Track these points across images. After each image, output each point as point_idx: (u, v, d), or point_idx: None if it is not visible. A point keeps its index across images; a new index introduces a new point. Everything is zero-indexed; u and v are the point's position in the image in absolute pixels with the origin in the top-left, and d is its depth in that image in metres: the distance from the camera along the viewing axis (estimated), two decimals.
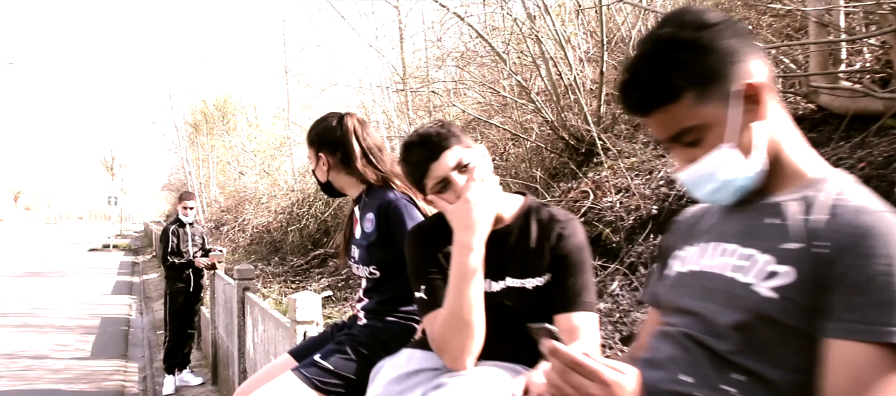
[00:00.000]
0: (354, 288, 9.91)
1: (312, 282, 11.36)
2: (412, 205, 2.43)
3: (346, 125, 2.58)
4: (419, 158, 1.89)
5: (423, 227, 2.07)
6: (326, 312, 8.12)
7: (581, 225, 1.98)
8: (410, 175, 1.95)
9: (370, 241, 2.46)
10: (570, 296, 1.86)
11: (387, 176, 2.55)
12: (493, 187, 1.89)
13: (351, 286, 10.07)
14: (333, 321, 3.30)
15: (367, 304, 2.54)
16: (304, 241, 14.58)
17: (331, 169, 2.60)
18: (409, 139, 1.93)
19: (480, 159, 1.92)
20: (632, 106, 1.32)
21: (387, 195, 2.47)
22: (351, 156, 2.55)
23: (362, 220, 2.53)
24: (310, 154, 2.68)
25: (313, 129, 2.65)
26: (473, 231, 1.81)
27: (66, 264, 25.32)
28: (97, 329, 11.68)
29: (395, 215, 2.40)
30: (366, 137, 2.59)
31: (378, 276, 2.47)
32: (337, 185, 2.64)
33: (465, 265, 1.80)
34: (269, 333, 4.54)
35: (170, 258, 7.95)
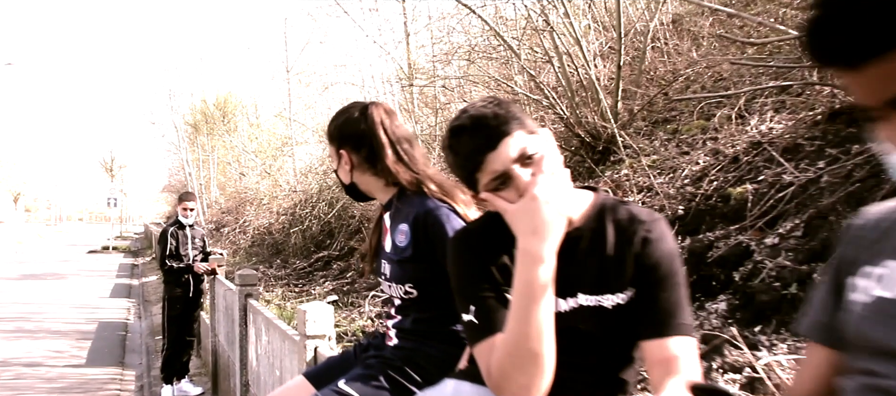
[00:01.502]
0: (360, 292, 9.54)
1: (316, 286, 11.00)
2: (454, 215, 2.04)
3: (372, 117, 2.17)
4: (472, 147, 1.50)
5: (470, 232, 1.67)
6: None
7: (668, 226, 1.59)
8: (460, 168, 1.56)
9: (403, 257, 2.08)
10: (662, 317, 1.48)
11: (421, 179, 2.14)
12: (564, 182, 1.50)
13: (357, 290, 9.70)
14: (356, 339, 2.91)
15: (401, 322, 2.15)
16: (306, 243, 14.23)
17: (354, 169, 2.21)
18: (457, 123, 1.54)
19: (548, 146, 1.54)
20: (835, 52, 0.90)
21: (424, 204, 2.08)
22: (378, 153, 2.15)
23: (394, 231, 2.14)
24: (330, 152, 2.29)
25: (333, 122, 2.26)
26: (543, 237, 1.43)
27: (65, 266, 24.95)
28: (93, 335, 11.31)
29: (435, 228, 2.02)
30: (395, 131, 2.18)
31: (415, 295, 2.08)
32: (363, 187, 2.25)
33: (532, 280, 1.42)
34: (274, 345, 4.16)
35: (168, 262, 7.57)
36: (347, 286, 10.26)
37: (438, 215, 2.02)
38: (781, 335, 4.37)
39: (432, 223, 2.02)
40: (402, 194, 2.15)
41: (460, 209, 2.05)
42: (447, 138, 1.56)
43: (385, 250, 2.18)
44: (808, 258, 4.80)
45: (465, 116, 1.52)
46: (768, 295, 4.66)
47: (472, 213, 2.05)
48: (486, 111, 1.50)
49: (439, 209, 2.04)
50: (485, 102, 1.54)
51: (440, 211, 2.03)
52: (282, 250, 15.55)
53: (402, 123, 2.23)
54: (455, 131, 1.53)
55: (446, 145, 1.57)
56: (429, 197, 2.09)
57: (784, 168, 5.63)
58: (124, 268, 24.34)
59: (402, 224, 2.09)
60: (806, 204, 5.11)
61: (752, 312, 4.72)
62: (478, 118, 1.49)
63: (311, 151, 18.23)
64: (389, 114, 2.21)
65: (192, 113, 32.60)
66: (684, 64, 9.13)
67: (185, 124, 32.85)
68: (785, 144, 6.02)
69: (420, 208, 2.06)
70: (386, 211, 2.22)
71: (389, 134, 2.16)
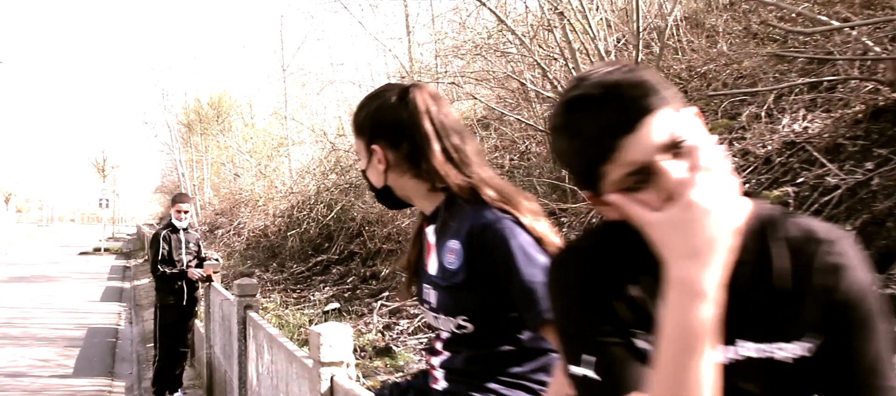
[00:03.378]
0: (362, 299, 9.10)
1: (315, 292, 10.57)
2: (519, 228, 1.59)
3: (415, 103, 1.69)
4: (601, 126, 1.04)
5: (579, 252, 1.20)
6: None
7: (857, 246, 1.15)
8: (576, 157, 1.10)
9: (455, 282, 1.62)
10: (861, 377, 1.04)
11: (476, 183, 1.67)
12: (730, 182, 1.06)
13: (359, 297, 9.27)
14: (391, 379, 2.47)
15: (451, 361, 1.70)
16: (304, 246, 13.80)
17: (390, 169, 1.72)
18: (577, 92, 1.08)
19: (703, 132, 1.09)
20: None
21: (481, 215, 1.62)
22: (423, 150, 1.67)
23: (441, 249, 1.69)
24: (357, 146, 1.80)
25: (363, 109, 1.76)
26: (705, 261, 0.99)
27: (55, 268, 24.42)
28: (82, 342, 10.82)
29: (496, 246, 1.57)
30: (443, 121, 1.70)
31: (470, 330, 1.64)
32: (399, 191, 1.75)
33: (690, 323, 0.98)
34: (278, 365, 3.71)
35: (160, 268, 7.08)
36: (349, 292, 9.83)
37: (500, 228, 1.57)
38: None
39: (492, 240, 1.56)
40: (451, 202, 1.69)
41: (526, 221, 1.60)
42: (560, 115, 1.10)
43: (428, 272, 1.72)
44: None
45: (588, 84, 1.06)
46: None
47: (540, 226, 1.61)
48: (620, 78, 1.05)
49: (501, 222, 1.58)
50: (613, 67, 1.09)
51: (502, 224, 1.58)
52: (278, 253, 15.13)
53: (452, 111, 1.77)
54: (574, 104, 1.07)
55: (558, 124, 1.11)
56: (487, 206, 1.62)
57: (827, 170, 5.22)
58: (116, 270, 23.81)
59: (451, 241, 1.64)
60: (857, 209, 4.70)
61: None
62: (610, 87, 1.04)
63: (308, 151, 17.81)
64: (436, 99, 1.72)
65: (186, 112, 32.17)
66: (701, 60, 8.76)
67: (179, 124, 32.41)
68: (824, 145, 5.62)
69: (476, 221, 1.60)
70: (429, 223, 1.77)
71: (437, 125, 1.68)
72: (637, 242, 1.10)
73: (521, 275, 1.53)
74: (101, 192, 36.47)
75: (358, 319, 7.47)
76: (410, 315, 6.42)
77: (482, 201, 1.62)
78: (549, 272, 1.21)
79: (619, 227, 1.14)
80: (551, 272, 1.21)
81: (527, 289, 1.52)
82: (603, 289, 1.12)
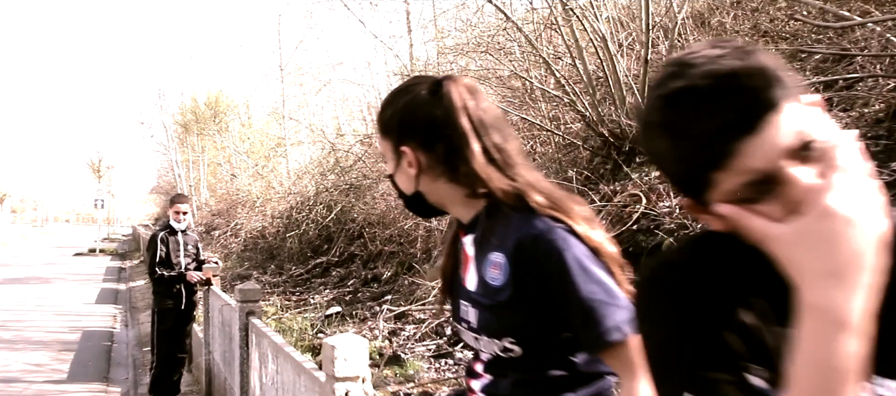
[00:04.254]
0: (364, 302, 8.91)
1: (315, 294, 10.38)
2: (574, 238, 1.38)
3: (451, 98, 1.48)
4: (713, 126, 0.84)
5: (679, 270, 0.98)
6: (330, 331, 7.09)
7: None
8: (682, 162, 0.90)
9: (499, 300, 1.42)
10: None
11: (521, 188, 1.46)
12: (873, 186, 0.86)
13: (361, 300, 9.08)
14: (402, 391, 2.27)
15: (493, 386, 1.50)
16: (303, 248, 13.59)
17: (422, 173, 1.51)
18: (682, 84, 0.88)
19: (834, 127, 0.90)
20: None
21: (530, 224, 1.41)
22: (461, 152, 1.46)
23: (482, 263, 1.49)
24: (383, 148, 1.59)
25: (389, 106, 1.55)
26: (851, 284, 0.80)
27: (49, 269, 24.13)
28: (77, 345, 10.60)
29: (550, 259, 1.36)
30: (483, 118, 1.49)
31: (517, 353, 1.44)
32: (433, 198, 1.54)
33: (833, 361, 0.79)
34: (285, 376, 3.51)
35: (158, 270, 6.86)
36: (350, 295, 9.64)
37: (553, 239, 1.37)
38: None
39: (545, 252, 1.36)
40: (493, 209, 1.48)
41: (581, 229, 1.39)
42: (659, 110, 0.90)
43: (466, 287, 1.52)
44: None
45: (695, 73, 0.86)
46: None
47: (595, 234, 1.41)
48: (735, 65, 0.85)
49: (553, 232, 1.38)
50: (721, 48, 0.89)
51: (555, 234, 1.37)
52: (276, 255, 14.94)
53: (490, 105, 1.54)
54: (678, 98, 0.87)
55: (656, 121, 0.91)
56: (535, 214, 1.42)
57: None
58: (111, 272, 23.55)
59: (494, 254, 1.44)
60: None
61: None
62: (724, 78, 0.84)
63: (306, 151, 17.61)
64: (473, 92, 1.51)
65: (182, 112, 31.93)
66: None
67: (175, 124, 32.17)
68: None
69: (524, 231, 1.40)
70: (465, 233, 1.55)
71: (475, 122, 1.47)
72: (748, 258, 0.91)
73: (579, 291, 1.33)
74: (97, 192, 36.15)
75: (361, 323, 7.28)
76: (416, 320, 6.22)
77: (529, 208, 1.42)
78: (641, 293, 1.01)
79: (723, 239, 0.94)
80: (643, 292, 1.01)
81: (586, 307, 1.33)
82: (709, 314, 0.93)
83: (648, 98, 0.95)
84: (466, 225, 1.54)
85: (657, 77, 0.94)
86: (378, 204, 11.19)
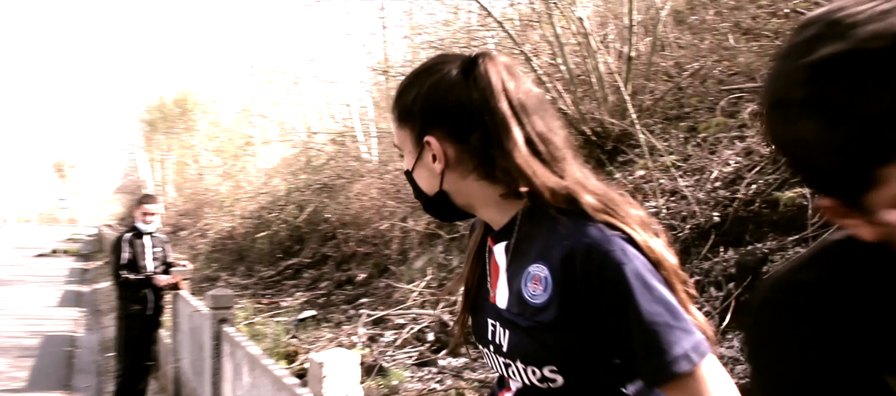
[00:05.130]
0: (337, 305, 8.64)
1: (286, 297, 10.08)
2: (634, 249, 1.15)
3: (488, 78, 1.22)
4: (889, 102, 0.62)
5: (815, 293, 0.76)
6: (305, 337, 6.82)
7: None
8: (831, 151, 0.68)
9: (541, 320, 1.18)
10: None
11: (572, 188, 1.21)
12: None
13: (334, 303, 8.81)
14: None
15: None
16: (274, 249, 13.28)
17: (449, 169, 1.26)
18: (838, 46, 0.64)
19: None
20: None
21: (584, 231, 1.16)
22: (501, 143, 1.21)
23: (518, 275, 1.24)
24: (401, 138, 1.33)
25: (411, 88, 1.29)
26: None
27: (9, 271, 23.42)
28: (37, 351, 10.20)
29: (607, 274, 1.12)
30: (524, 102, 1.23)
31: (559, 384, 1.20)
32: (460, 198, 1.29)
33: None
34: (262, 392, 3.24)
35: (123, 274, 6.50)
36: (323, 297, 9.36)
37: (611, 250, 1.13)
38: None
39: (600, 266, 1.12)
40: (535, 211, 1.23)
41: (640, 238, 1.16)
42: (805, 83, 0.67)
43: (495, 304, 1.28)
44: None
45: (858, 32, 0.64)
46: None
47: (655, 243, 1.17)
48: None
49: (611, 241, 1.14)
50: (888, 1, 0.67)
51: (612, 244, 1.14)
52: (246, 256, 14.59)
53: (532, 87, 1.28)
54: (835, 66, 0.64)
55: (803, 98, 0.68)
56: (588, 219, 1.17)
57: None
58: (75, 273, 22.95)
59: (536, 266, 1.19)
60: None
61: None
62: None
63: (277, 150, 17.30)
64: (512, 72, 1.25)
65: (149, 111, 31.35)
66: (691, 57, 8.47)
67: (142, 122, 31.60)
68: None
69: (575, 239, 1.16)
70: (497, 240, 1.30)
71: (517, 108, 1.22)
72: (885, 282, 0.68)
73: (640, 312, 1.10)
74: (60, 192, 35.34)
75: (336, 327, 7.01)
76: (396, 326, 5.97)
77: (580, 211, 1.18)
78: (759, 322, 0.79)
79: (870, 253, 0.72)
80: (763, 321, 0.78)
81: (648, 331, 1.10)
82: (860, 353, 0.70)
83: (780, 69, 0.72)
84: (498, 231, 1.30)
85: (793, 41, 0.70)
86: (352, 204, 10.93)
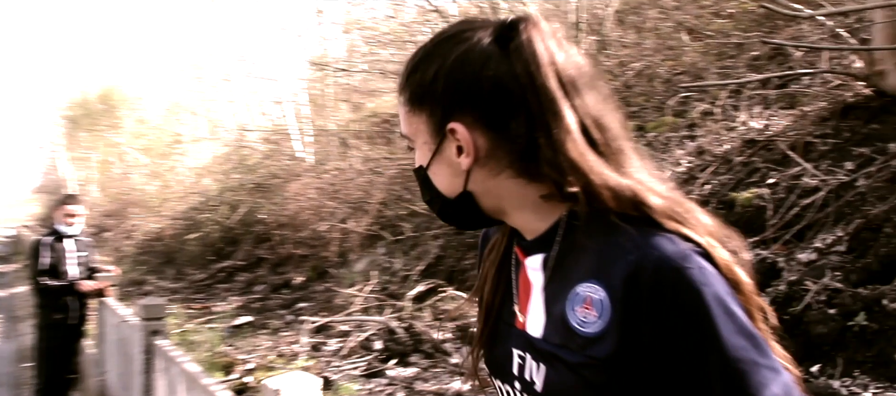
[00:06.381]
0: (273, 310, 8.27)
1: (218, 301, 9.64)
2: (710, 268, 0.90)
3: (533, 48, 0.96)
4: None
5: None
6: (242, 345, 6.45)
7: None
8: None
9: (594, 355, 0.92)
10: None
11: (636, 190, 0.95)
12: None
13: (270, 308, 8.43)
14: None
15: None
16: (205, 251, 12.77)
17: (479, 164, 1.00)
18: None
19: None
20: None
21: (654, 243, 0.91)
22: (550, 131, 0.94)
23: (561, 296, 0.98)
24: (412, 124, 1.04)
25: (431, 61, 1.01)
26: None
27: None
28: None
29: (682, 298, 0.88)
30: (575, 79, 0.98)
31: None
32: (489, 201, 1.03)
33: None
34: None
35: (42, 280, 5.99)
36: (259, 302, 8.98)
37: (688, 268, 0.89)
38: (860, 380, 3.50)
39: (673, 287, 0.87)
40: (590, 218, 0.96)
41: (717, 254, 0.92)
42: None
43: (526, 332, 1.02)
44: (863, 280, 3.97)
45: None
46: (826, 326, 3.78)
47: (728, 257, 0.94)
48: None
49: (688, 258, 0.89)
50: None
51: (690, 261, 0.89)
52: (175, 258, 14.02)
53: (581, 59, 1.00)
54: None
55: None
56: (659, 229, 0.93)
57: (802, 170, 4.83)
58: None
59: (588, 285, 0.94)
60: (846, 213, 4.29)
61: (802, 346, 3.83)
62: None
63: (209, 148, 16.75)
64: (560, 42, 0.99)
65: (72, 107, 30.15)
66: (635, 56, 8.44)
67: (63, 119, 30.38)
68: (790, 143, 5.25)
69: (643, 253, 0.90)
70: (529, 251, 1.04)
71: (567, 86, 0.96)
72: None
73: (725, 348, 0.87)
74: None
75: (274, 334, 6.66)
76: (340, 334, 5.67)
77: (646, 217, 0.94)
78: None
79: None
80: None
81: (732, 371, 0.87)
82: None
83: None
84: (533, 240, 1.04)
85: None
86: (288, 205, 10.57)
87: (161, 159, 19.86)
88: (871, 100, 5.12)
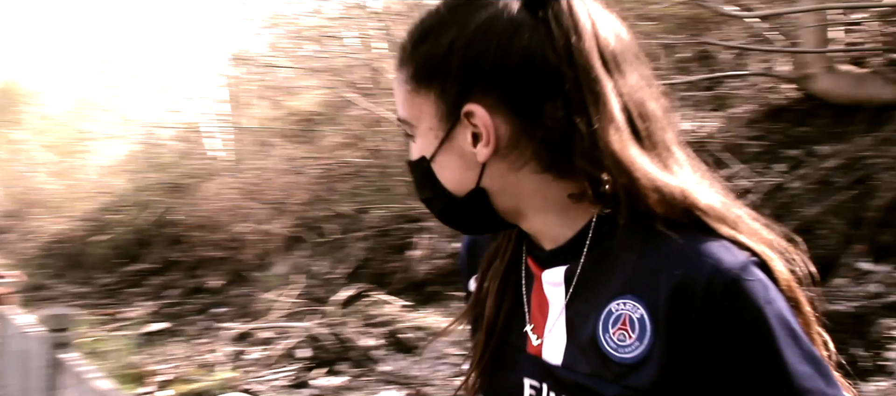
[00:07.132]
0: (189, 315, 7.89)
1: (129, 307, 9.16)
2: (773, 283, 0.75)
3: (574, 16, 0.77)
4: None
5: None
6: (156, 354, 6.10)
7: None
8: None
9: (633, 386, 0.76)
10: None
11: (689, 193, 0.77)
12: None
13: (185, 313, 8.04)
14: None
15: None
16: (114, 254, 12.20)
17: (498, 155, 0.80)
18: None
19: None
20: None
21: (708, 252, 0.74)
22: (590, 118, 0.76)
23: (590, 314, 0.80)
24: (414, 106, 0.83)
25: (443, 30, 0.80)
26: None
27: None
28: None
29: (740, 318, 0.72)
30: (618, 58, 0.79)
31: None
32: (505, 200, 0.83)
33: None
34: None
35: None
36: (173, 306, 8.57)
37: (747, 281, 0.73)
38: None
39: (731, 303, 0.73)
40: (633, 222, 0.79)
41: (777, 269, 0.77)
42: None
43: (541, 358, 0.85)
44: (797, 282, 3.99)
45: None
46: None
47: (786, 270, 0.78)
48: None
49: (747, 270, 0.74)
50: None
51: (749, 273, 0.74)
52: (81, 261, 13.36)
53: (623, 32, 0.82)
54: None
55: None
56: (712, 235, 0.77)
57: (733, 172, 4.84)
58: None
59: (624, 301, 0.78)
60: (780, 214, 4.31)
61: None
62: None
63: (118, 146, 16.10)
64: (600, 12, 0.81)
65: None
66: None
67: None
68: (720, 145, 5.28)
69: (693, 264, 0.75)
70: (546, 263, 0.86)
71: (611, 66, 0.79)
72: None
73: (791, 376, 0.73)
74: None
75: (190, 342, 6.33)
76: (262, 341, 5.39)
77: (698, 222, 0.77)
78: None
79: None
80: None
81: None
82: None
83: None
84: (553, 250, 0.85)
85: None
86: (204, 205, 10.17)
87: (67, 157, 18.99)
88: (800, 102, 5.18)
